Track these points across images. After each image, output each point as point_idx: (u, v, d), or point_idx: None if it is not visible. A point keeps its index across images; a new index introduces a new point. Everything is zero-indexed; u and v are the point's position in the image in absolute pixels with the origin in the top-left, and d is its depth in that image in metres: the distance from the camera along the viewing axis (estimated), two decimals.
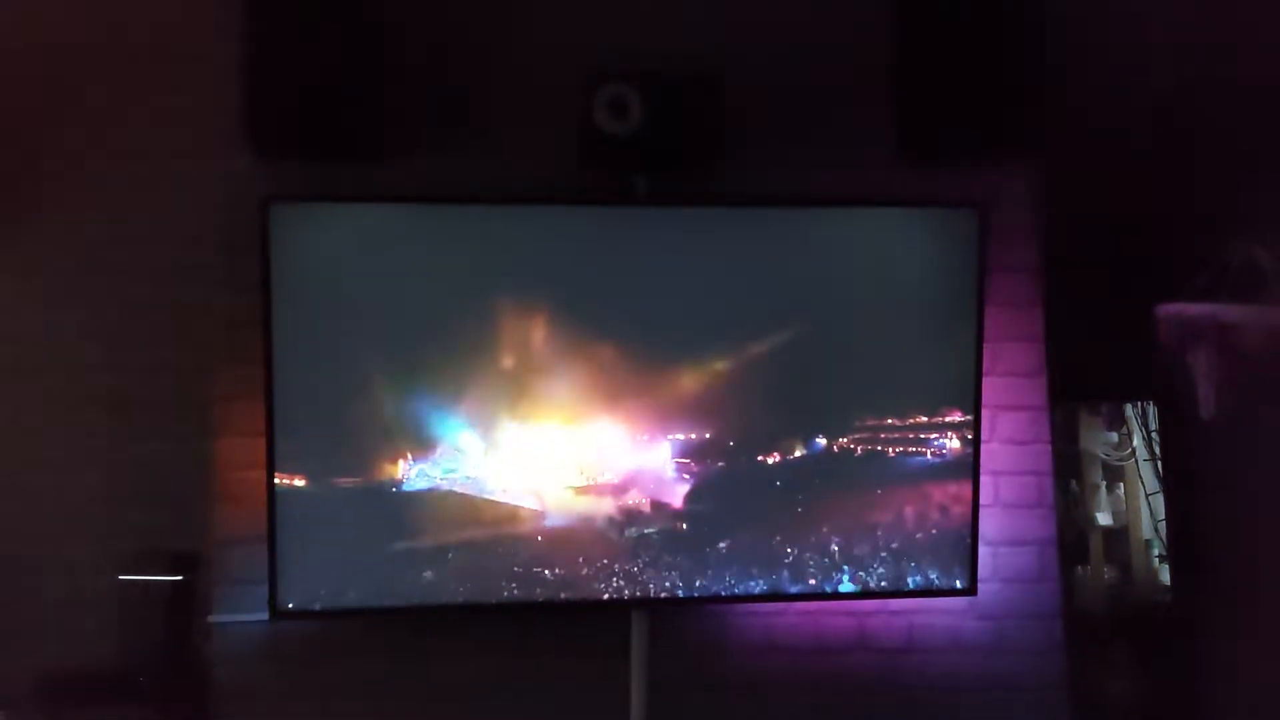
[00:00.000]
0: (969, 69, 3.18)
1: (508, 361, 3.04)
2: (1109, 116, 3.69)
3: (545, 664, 3.17)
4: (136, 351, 3.43)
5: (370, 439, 3.00)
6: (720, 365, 3.12)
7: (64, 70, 3.49)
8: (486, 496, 3.03)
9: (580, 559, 3.07)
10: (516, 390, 3.05)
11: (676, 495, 3.11)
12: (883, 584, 3.17)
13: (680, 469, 3.10)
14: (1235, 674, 3.40)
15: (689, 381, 3.10)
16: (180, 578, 3.16)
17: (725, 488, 3.12)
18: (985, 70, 3.18)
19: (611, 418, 3.08)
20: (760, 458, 3.13)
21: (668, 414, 3.10)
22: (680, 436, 3.10)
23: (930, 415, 3.19)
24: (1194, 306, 3.13)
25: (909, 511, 3.17)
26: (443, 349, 3.02)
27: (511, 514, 3.04)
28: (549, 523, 3.06)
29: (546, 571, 3.05)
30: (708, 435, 3.11)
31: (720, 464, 3.12)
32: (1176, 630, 3.53)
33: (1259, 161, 3.17)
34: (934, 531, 3.18)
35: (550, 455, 3.06)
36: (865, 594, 3.20)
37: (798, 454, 3.14)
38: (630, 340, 3.08)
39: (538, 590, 3.05)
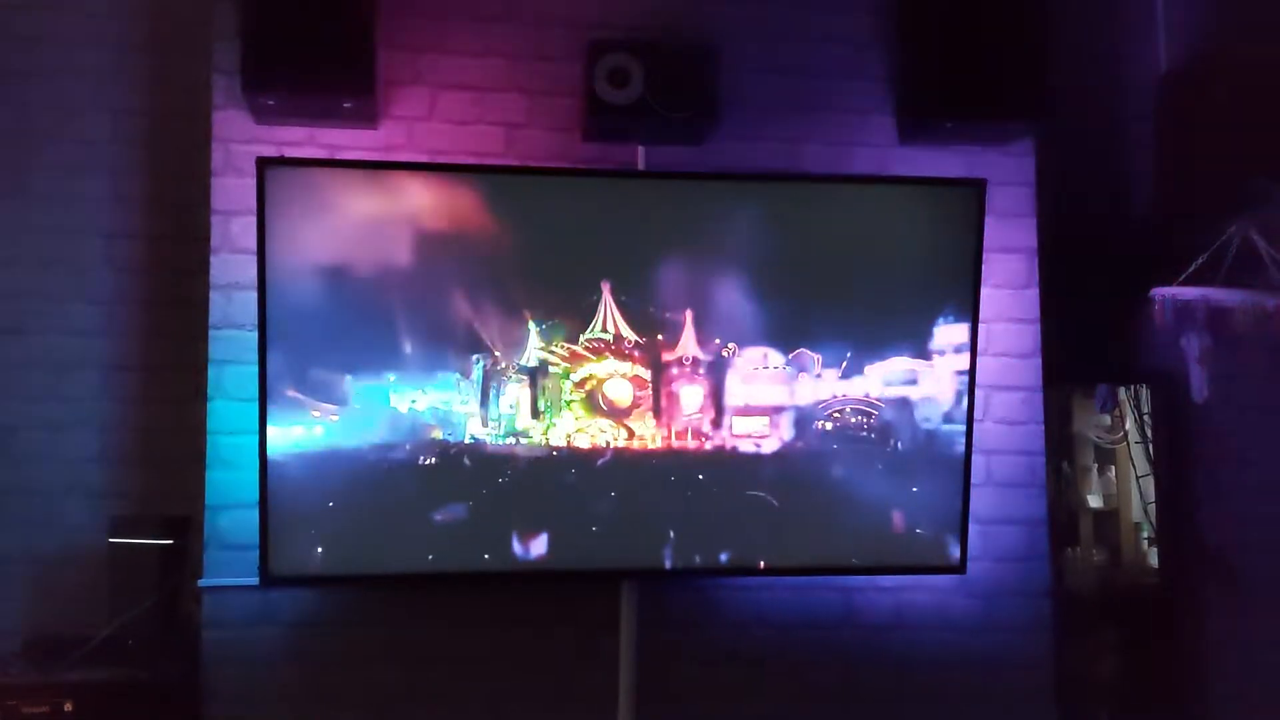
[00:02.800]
0: (971, 48, 3.18)
1: (505, 329, 3.03)
2: (1109, 98, 3.69)
3: (535, 634, 3.18)
4: (130, 314, 3.42)
5: (363, 405, 2.99)
6: (716, 340, 3.12)
7: (59, 26, 3.46)
8: (482, 459, 3.02)
9: (572, 527, 3.07)
10: (515, 357, 3.04)
11: (671, 465, 3.11)
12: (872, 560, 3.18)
13: (676, 440, 3.11)
14: (1220, 656, 3.42)
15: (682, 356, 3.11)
16: (171, 541, 3.15)
17: (721, 461, 3.12)
18: (987, 49, 3.18)
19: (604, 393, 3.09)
20: (754, 431, 3.13)
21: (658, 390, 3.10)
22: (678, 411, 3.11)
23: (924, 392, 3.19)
24: (1188, 290, 3.14)
25: (900, 488, 3.17)
26: (438, 316, 3.01)
27: (507, 479, 3.04)
28: (550, 489, 3.06)
29: (537, 540, 3.05)
30: (705, 410, 3.11)
31: (715, 435, 3.12)
32: (1163, 612, 3.55)
33: (1258, 146, 3.17)
34: (925, 509, 3.18)
35: (558, 415, 3.06)
36: (854, 569, 3.21)
37: (791, 429, 3.14)
38: (629, 311, 3.08)
39: (531, 559, 3.05)
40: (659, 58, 3.11)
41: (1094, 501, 3.79)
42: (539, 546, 3.05)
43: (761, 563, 3.15)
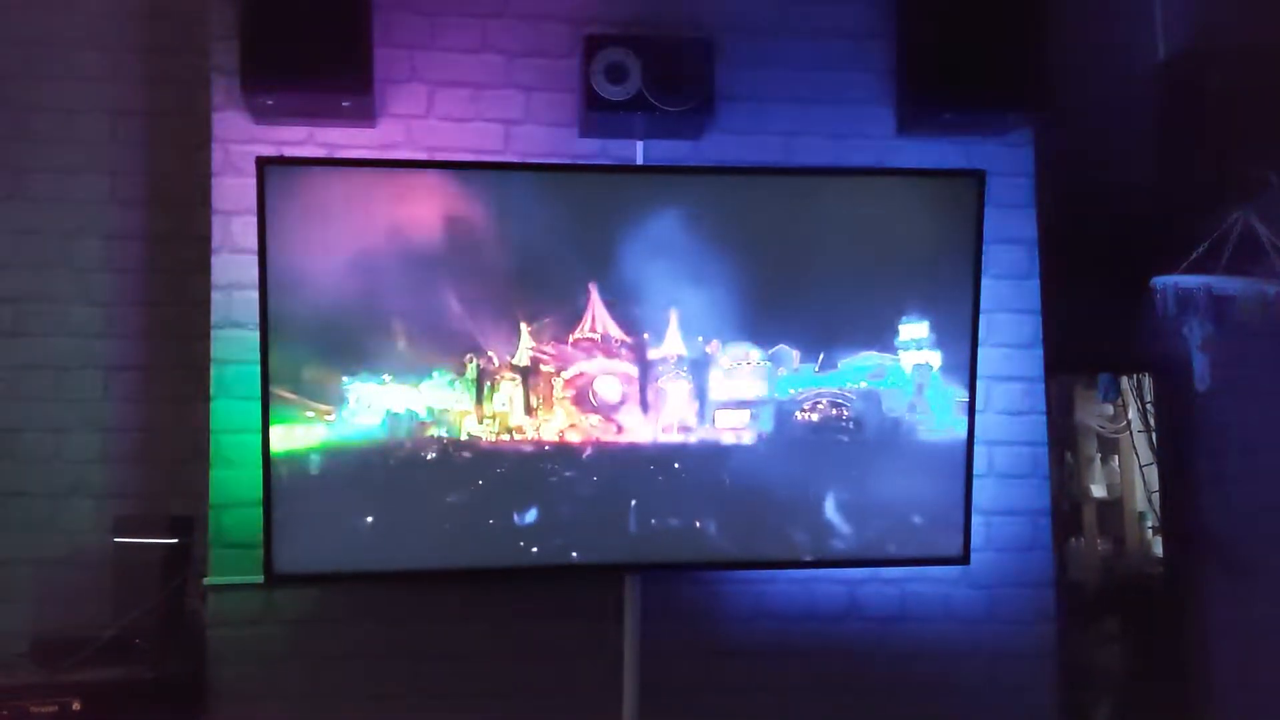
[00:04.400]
0: (968, 38, 3.17)
1: (498, 328, 3.03)
2: (1108, 87, 3.67)
3: (539, 628, 3.18)
4: (131, 315, 3.43)
5: (362, 404, 2.99)
6: (717, 337, 3.12)
7: (57, 28, 3.47)
8: (479, 455, 3.03)
9: (571, 522, 3.07)
10: (508, 356, 3.04)
11: (671, 458, 3.11)
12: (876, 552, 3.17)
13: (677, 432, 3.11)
14: (1224, 645, 3.42)
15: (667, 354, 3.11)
16: (175, 540, 3.16)
17: (723, 453, 3.12)
18: (985, 39, 3.17)
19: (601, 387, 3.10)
20: (759, 425, 3.13)
21: (658, 385, 3.10)
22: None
23: (924, 384, 3.18)
24: (1189, 278, 3.13)
25: (902, 480, 3.17)
26: (435, 315, 3.02)
27: (504, 473, 3.04)
28: (546, 482, 3.06)
29: (541, 534, 3.06)
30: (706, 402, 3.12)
31: (719, 430, 3.12)
32: (1167, 601, 3.55)
33: (1258, 132, 3.16)
34: (927, 500, 3.18)
35: (550, 411, 3.07)
36: (858, 562, 3.21)
37: (792, 423, 3.14)
38: (626, 305, 3.08)
39: (533, 554, 3.06)
40: (656, 52, 3.11)
41: (1097, 491, 3.78)
42: (538, 541, 3.06)
43: (763, 556, 3.15)
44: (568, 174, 3.17)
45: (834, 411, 3.15)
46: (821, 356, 3.15)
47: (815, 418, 3.15)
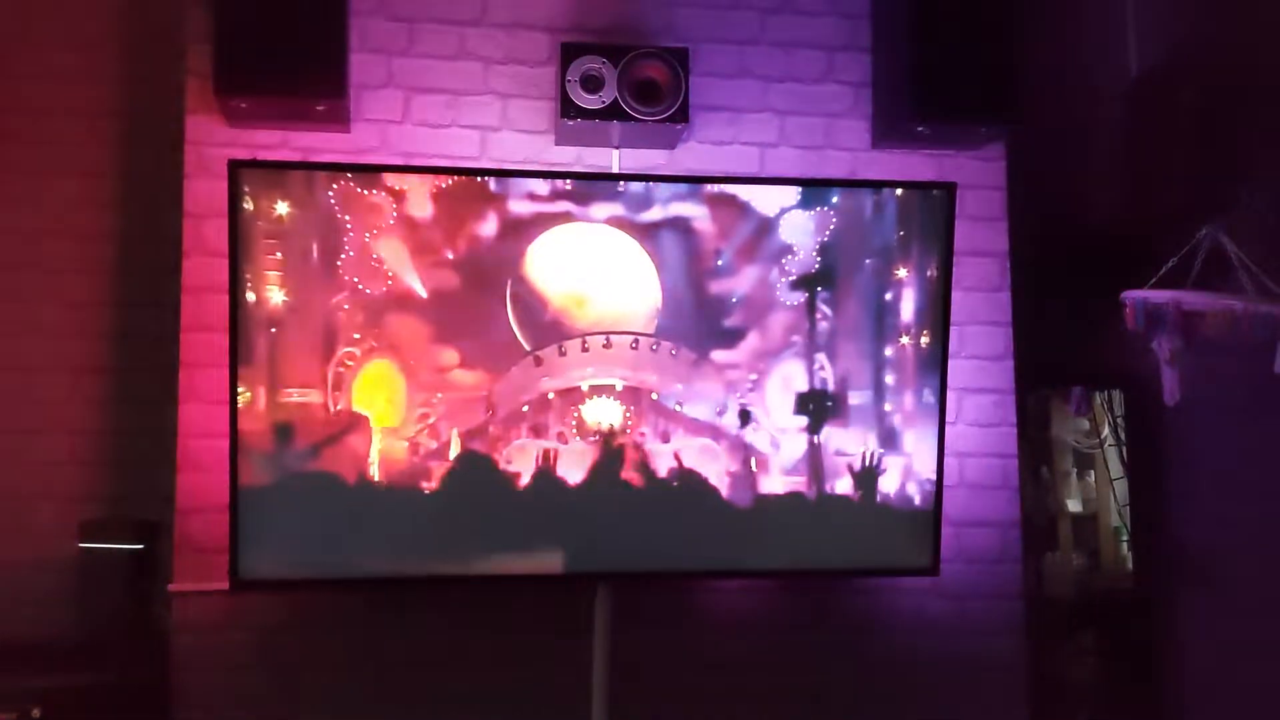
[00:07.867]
0: (942, 52, 3.19)
1: (482, 332, 3.03)
2: (1081, 102, 3.71)
3: (508, 637, 3.16)
4: (101, 316, 3.41)
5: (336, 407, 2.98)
6: (690, 344, 3.12)
7: (33, 28, 3.47)
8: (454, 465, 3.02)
9: (547, 531, 3.06)
10: (490, 361, 3.04)
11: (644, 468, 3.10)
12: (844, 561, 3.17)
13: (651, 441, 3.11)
14: (1197, 659, 3.42)
15: (659, 358, 3.10)
16: (141, 546, 3.14)
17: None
18: (959, 53, 3.19)
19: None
20: (730, 431, 3.13)
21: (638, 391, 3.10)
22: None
23: (896, 396, 3.19)
24: (1158, 293, 3.14)
25: (872, 491, 3.17)
26: (412, 317, 3.01)
27: (479, 483, 3.03)
28: (516, 494, 3.05)
29: (511, 542, 3.04)
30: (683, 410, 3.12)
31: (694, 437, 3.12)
32: (1138, 615, 3.55)
33: (1228, 149, 3.18)
34: (897, 511, 3.18)
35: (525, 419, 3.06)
36: (828, 572, 3.20)
37: (765, 430, 3.14)
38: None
39: (502, 562, 3.04)
40: (631, 62, 3.12)
41: (1073, 506, 3.78)
42: (513, 548, 3.04)
43: (735, 565, 3.14)
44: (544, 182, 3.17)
45: None
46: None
47: None
